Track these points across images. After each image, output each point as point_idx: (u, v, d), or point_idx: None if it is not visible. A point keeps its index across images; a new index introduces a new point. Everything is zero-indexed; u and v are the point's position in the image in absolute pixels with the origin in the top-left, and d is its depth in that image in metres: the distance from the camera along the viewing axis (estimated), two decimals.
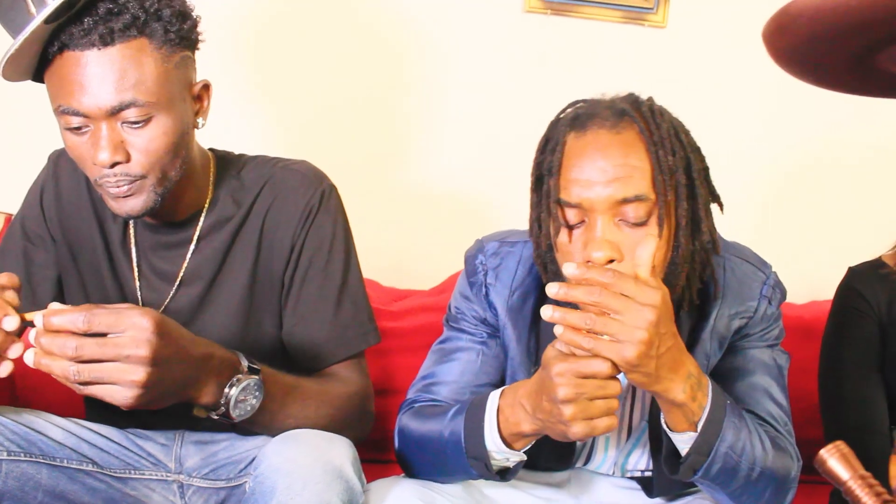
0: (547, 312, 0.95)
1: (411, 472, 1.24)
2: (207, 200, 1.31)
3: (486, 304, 1.26)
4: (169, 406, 1.08)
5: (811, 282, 2.04)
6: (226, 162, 1.36)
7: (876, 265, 1.59)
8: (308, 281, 1.31)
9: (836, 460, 0.55)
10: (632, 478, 1.29)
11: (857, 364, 1.51)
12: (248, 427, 1.15)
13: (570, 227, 1.08)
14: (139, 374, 0.93)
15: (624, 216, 1.04)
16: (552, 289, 0.95)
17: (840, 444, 0.55)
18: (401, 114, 2.15)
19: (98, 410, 1.40)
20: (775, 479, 1.10)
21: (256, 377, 1.08)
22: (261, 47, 2.09)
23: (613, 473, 1.30)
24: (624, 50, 2.17)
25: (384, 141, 2.16)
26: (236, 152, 1.39)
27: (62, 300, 1.33)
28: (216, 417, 1.08)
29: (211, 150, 1.37)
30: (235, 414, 1.07)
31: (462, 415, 1.13)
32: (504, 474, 1.15)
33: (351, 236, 1.38)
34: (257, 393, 1.09)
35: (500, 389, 1.13)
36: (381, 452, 1.60)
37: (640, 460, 1.26)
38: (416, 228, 2.16)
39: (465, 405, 1.15)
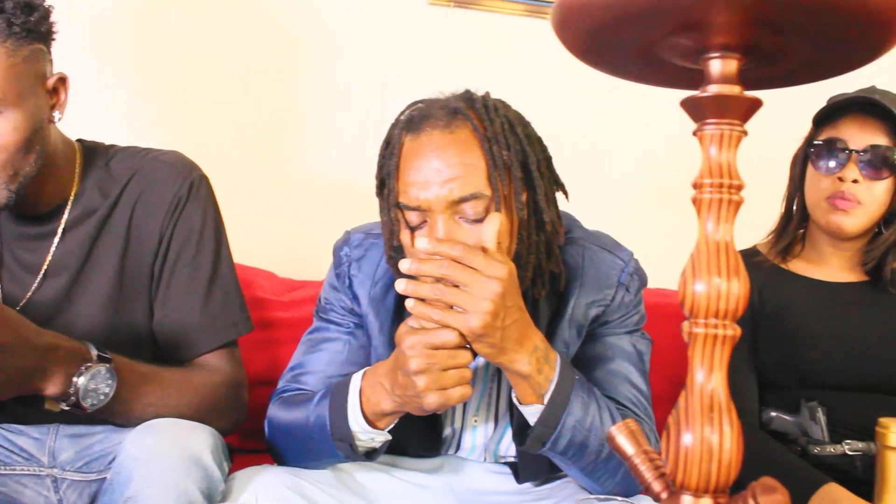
0: (400, 286, 0.99)
1: (281, 461, 1.25)
2: (73, 192, 1.29)
3: (350, 295, 1.27)
4: (40, 399, 1.10)
5: None
6: (93, 153, 1.34)
7: (750, 253, 1.64)
8: (177, 271, 1.31)
9: (624, 436, 0.57)
10: (505, 463, 1.32)
11: None
12: (107, 417, 1.14)
13: (412, 229, 1.10)
14: None
15: (463, 214, 1.06)
16: (404, 264, 0.99)
17: (629, 421, 0.58)
18: (299, 104, 2.14)
19: None
20: None
21: (107, 365, 1.08)
22: (143, 34, 2.04)
23: (485, 459, 1.32)
24: (525, 43, 2.19)
25: (281, 131, 2.14)
26: (107, 143, 1.37)
27: None
28: (67, 408, 1.07)
29: (79, 140, 1.35)
30: (87, 403, 1.07)
31: (327, 399, 1.15)
32: (371, 455, 1.17)
33: (222, 227, 1.38)
34: (109, 381, 1.08)
35: (362, 371, 1.14)
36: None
37: (511, 446, 1.29)
38: (312, 218, 2.15)
39: (329, 389, 1.16)
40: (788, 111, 1.57)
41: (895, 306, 1.50)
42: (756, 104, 0.52)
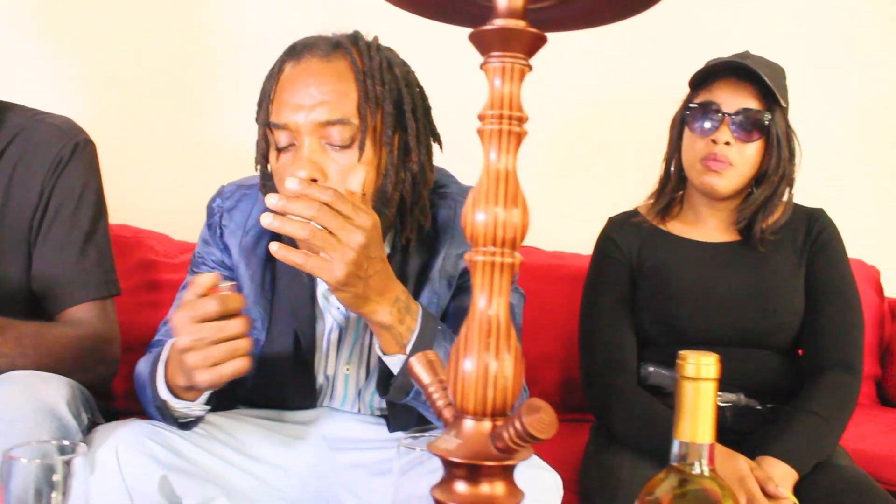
0: (266, 220, 0.97)
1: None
2: None
3: (221, 246, 1.27)
4: None
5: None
6: None
7: (630, 215, 1.68)
8: (54, 227, 1.33)
9: (422, 366, 0.58)
10: (381, 415, 1.33)
11: (609, 307, 1.59)
12: None
13: (280, 150, 1.12)
14: None
15: (329, 139, 1.09)
16: (272, 199, 0.96)
17: (429, 352, 0.59)
18: (199, 68, 2.11)
19: None
20: None
21: None
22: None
23: (360, 410, 1.33)
24: None
25: (181, 94, 2.11)
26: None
27: None
28: None
29: None
30: None
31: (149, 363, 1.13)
32: (187, 425, 1.15)
33: (103, 193, 1.40)
34: None
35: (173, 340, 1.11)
36: None
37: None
38: (209, 181, 2.13)
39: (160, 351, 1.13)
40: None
41: (763, 264, 1.55)
42: (540, 39, 0.53)
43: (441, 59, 1.70)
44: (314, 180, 1.05)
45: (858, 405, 2.15)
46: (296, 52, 1.14)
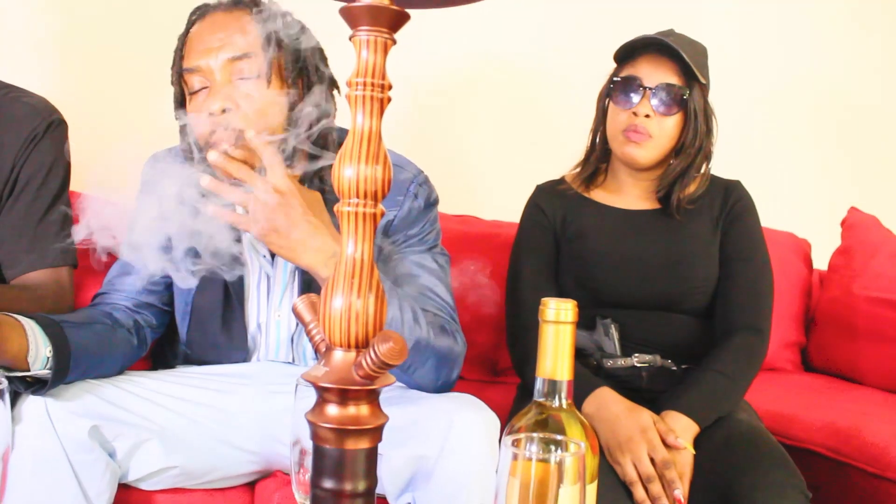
0: (204, 180, 1.09)
1: None
2: None
3: None
4: None
5: None
6: None
7: (557, 183, 1.76)
8: (21, 197, 1.42)
9: (304, 306, 0.65)
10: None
11: (533, 271, 1.67)
12: None
13: (193, 94, 1.25)
14: None
15: (238, 73, 1.23)
16: (204, 180, 1.09)
17: (311, 294, 0.66)
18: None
19: None
20: (437, 354, 1.25)
21: None
22: None
23: (294, 360, 1.41)
24: None
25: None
26: None
27: None
28: None
29: None
30: None
31: None
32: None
33: (69, 172, 1.49)
34: None
35: None
36: None
37: None
38: None
39: None
40: None
41: (679, 231, 1.64)
42: (403, 16, 0.60)
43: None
44: (224, 110, 1.21)
45: (781, 371, 2.28)
46: (200, 12, 1.29)
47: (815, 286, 2.44)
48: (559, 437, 0.66)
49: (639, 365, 1.61)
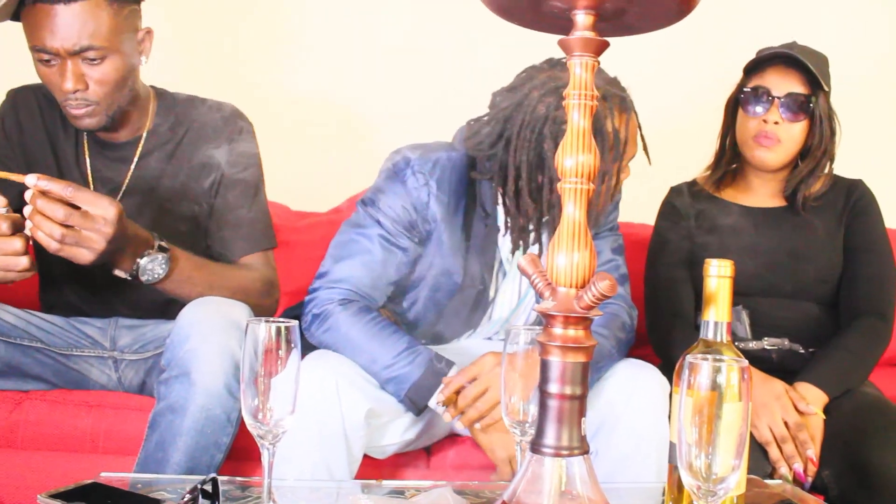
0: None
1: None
2: (147, 128, 1.66)
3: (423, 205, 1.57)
4: (104, 298, 1.58)
5: None
6: (163, 97, 1.71)
7: (690, 184, 1.94)
8: (230, 192, 1.68)
9: (527, 262, 0.87)
10: None
11: (669, 263, 1.86)
12: (162, 289, 1.46)
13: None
14: (101, 244, 1.29)
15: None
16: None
17: (531, 254, 0.88)
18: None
19: (49, 303, 1.74)
20: (621, 352, 1.56)
21: (165, 254, 1.41)
22: None
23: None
24: None
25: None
26: (170, 90, 1.74)
27: None
28: (129, 278, 1.41)
29: (151, 87, 1.71)
30: (144, 278, 1.41)
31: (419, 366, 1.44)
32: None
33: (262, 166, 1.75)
34: (164, 265, 1.42)
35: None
36: None
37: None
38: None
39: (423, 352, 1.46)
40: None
41: (805, 226, 1.81)
42: (604, 44, 0.82)
43: None
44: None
45: None
46: None
47: None
48: (725, 358, 0.85)
49: (769, 348, 1.77)
